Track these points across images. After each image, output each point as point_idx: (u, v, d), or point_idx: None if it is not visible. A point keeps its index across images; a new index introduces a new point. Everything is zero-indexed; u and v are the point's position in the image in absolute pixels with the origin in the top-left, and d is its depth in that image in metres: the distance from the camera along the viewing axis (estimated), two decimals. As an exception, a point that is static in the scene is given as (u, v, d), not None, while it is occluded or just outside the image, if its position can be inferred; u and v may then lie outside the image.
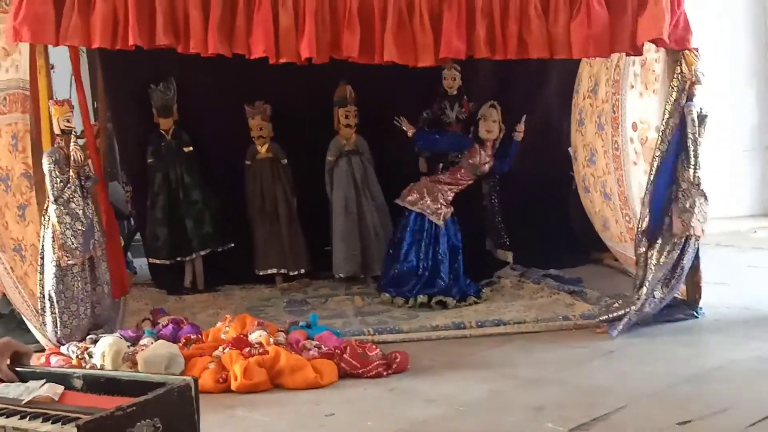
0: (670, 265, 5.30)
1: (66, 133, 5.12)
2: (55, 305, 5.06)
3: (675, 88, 5.25)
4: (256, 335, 5.01)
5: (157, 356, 4.69)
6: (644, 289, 5.29)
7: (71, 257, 5.05)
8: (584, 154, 6.62)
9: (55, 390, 2.52)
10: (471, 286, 6.38)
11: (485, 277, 6.76)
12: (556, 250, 7.10)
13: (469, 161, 6.42)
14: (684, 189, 5.27)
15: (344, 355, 4.82)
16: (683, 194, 5.26)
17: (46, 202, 5.07)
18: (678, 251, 5.29)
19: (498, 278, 6.79)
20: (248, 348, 4.84)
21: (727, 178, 8.87)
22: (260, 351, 4.80)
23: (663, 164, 5.29)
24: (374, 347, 4.95)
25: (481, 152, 6.42)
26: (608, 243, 6.72)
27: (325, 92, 6.83)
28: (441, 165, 6.65)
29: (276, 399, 4.52)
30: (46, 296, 5.07)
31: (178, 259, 6.92)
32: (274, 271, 6.97)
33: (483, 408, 4.26)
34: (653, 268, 5.28)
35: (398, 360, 4.83)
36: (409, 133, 6.47)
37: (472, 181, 6.56)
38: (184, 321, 5.56)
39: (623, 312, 5.33)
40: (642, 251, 5.36)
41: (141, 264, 7.45)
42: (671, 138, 5.27)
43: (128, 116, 7.07)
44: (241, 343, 4.91)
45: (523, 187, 7.07)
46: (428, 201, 6.43)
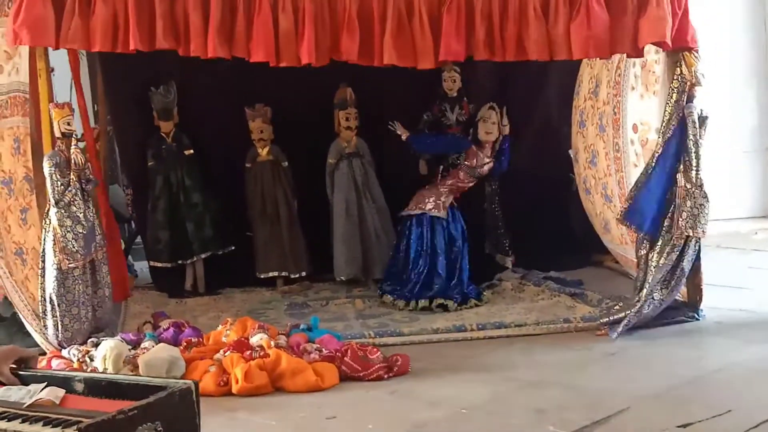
0: (670, 267, 5.30)
1: (66, 136, 5.11)
2: (56, 308, 5.05)
3: (675, 89, 5.25)
4: (257, 338, 5.01)
5: (158, 359, 4.69)
6: (644, 291, 5.29)
7: (72, 260, 5.05)
8: (585, 156, 6.62)
9: (56, 393, 2.53)
10: (472, 288, 6.38)
11: (485, 279, 6.76)
12: (557, 252, 7.08)
13: (466, 164, 6.41)
14: (686, 190, 5.26)
15: (345, 358, 4.81)
16: (685, 195, 5.26)
17: (46, 205, 5.07)
18: (677, 253, 5.29)
19: (499, 281, 6.78)
20: (249, 351, 4.84)
21: (728, 180, 8.86)
22: (261, 354, 4.80)
23: (660, 165, 5.29)
24: (375, 350, 4.94)
25: (479, 154, 6.41)
26: (609, 245, 6.71)
27: (326, 95, 6.82)
28: (441, 167, 6.63)
29: (277, 402, 4.51)
30: (47, 299, 5.07)
31: (179, 262, 6.91)
32: (275, 273, 6.97)
33: (484, 411, 4.25)
34: (653, 270, 5.27)
35: (399, 363, 4.82)
36: (403, 137, 6.46)
37: (473, 183, 6.55)
38: (185, 324, 5.56)
39: (623, 314, 5.33)
40: (643, 253, 5.36)
41: (142, 267, 7.45)
42: (670, 138, 5.26)
43: (128, 119, 7.05)
44: (242, 346, 4.91)
45: (524, 188, 7.04)
46: (428, 201, 6.41)
